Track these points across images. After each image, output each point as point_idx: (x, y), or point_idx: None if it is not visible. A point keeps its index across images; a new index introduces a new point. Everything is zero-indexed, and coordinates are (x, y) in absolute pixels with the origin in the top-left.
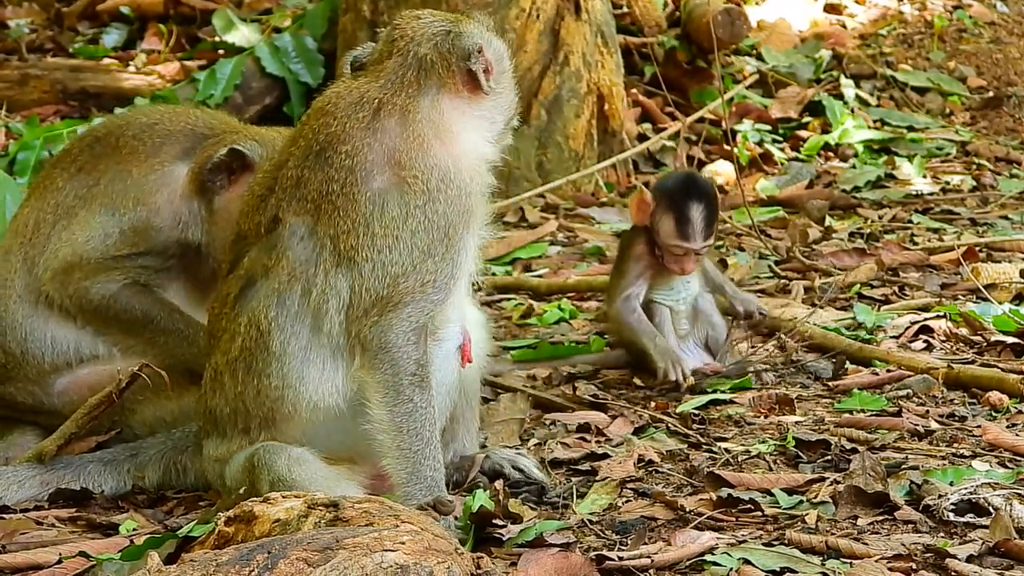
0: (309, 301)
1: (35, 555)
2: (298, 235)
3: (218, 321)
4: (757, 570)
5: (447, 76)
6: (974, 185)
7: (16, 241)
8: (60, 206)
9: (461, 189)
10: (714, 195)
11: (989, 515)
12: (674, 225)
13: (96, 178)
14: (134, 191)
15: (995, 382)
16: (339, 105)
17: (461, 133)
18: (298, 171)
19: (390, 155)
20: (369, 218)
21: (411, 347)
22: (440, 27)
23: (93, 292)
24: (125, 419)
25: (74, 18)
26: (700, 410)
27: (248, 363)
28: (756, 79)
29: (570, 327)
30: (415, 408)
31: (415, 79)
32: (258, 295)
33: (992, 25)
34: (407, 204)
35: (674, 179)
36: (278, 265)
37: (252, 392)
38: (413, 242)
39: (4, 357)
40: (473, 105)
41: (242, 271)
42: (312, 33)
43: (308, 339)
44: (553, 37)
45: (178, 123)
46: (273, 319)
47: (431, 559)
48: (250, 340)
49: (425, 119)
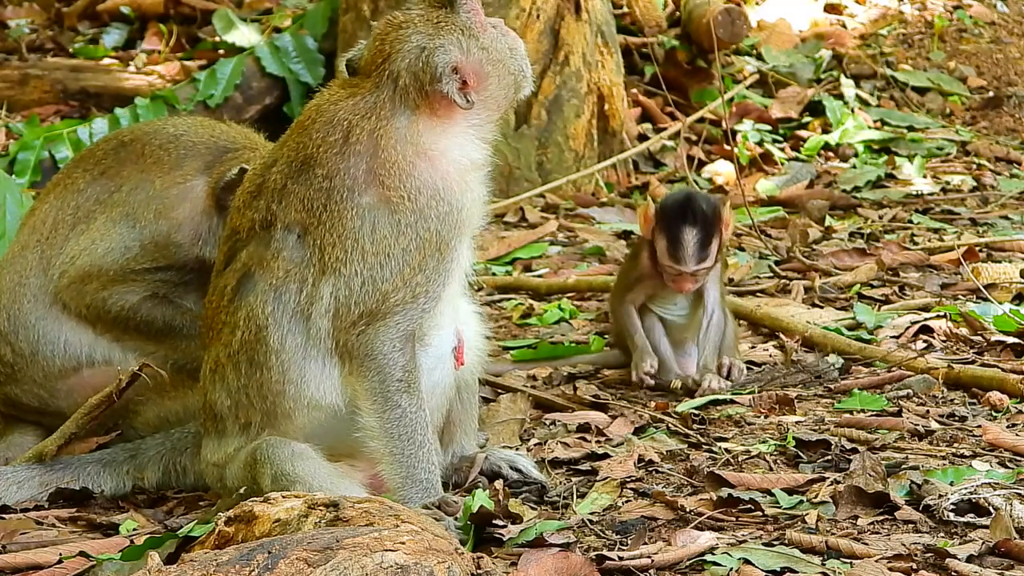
0: (300, 300)
1: (35, 555)
2: (293, 234)
3: (217, 314)
4: (757, 570)
5: (420, 99)
6: (974, 185)
7: (33, 238)
8: (80, 209)
9: (452, 205)
10: (712, 218)
11: (989, 515)
12: (667, 246)
13: (119, 184)
14: (156, 203)
15: (995, 382)
16: (315, 124)
17: (447, 149)
18: (283, 179)
19: (369, 175)
20: (358, 233)
21: (397, 354)
22: (416, 42)
23: (111, 303)
24: (128, 420)
25: (74, 18)
26: (700, 410)
27: (250, 356)
28: (756, 79)
29: (570, 327)
30: (404, 413)
31: (388, 100)
32: (255, 289)
33: (992, 25)
34: (398, 223)
35: (674, 199)
36: (274, 262)
37: (255, 385)
38: (405, 259)
39: (13, 357)
40: (455, 120)
41: (239, 264)
42: (312, 33)
43: (304, 337)
44: (553, 37)
45: (203, 136)
46: (270, 314)
47: (431, 559)
48: (250, 334)
49: (402, 140)
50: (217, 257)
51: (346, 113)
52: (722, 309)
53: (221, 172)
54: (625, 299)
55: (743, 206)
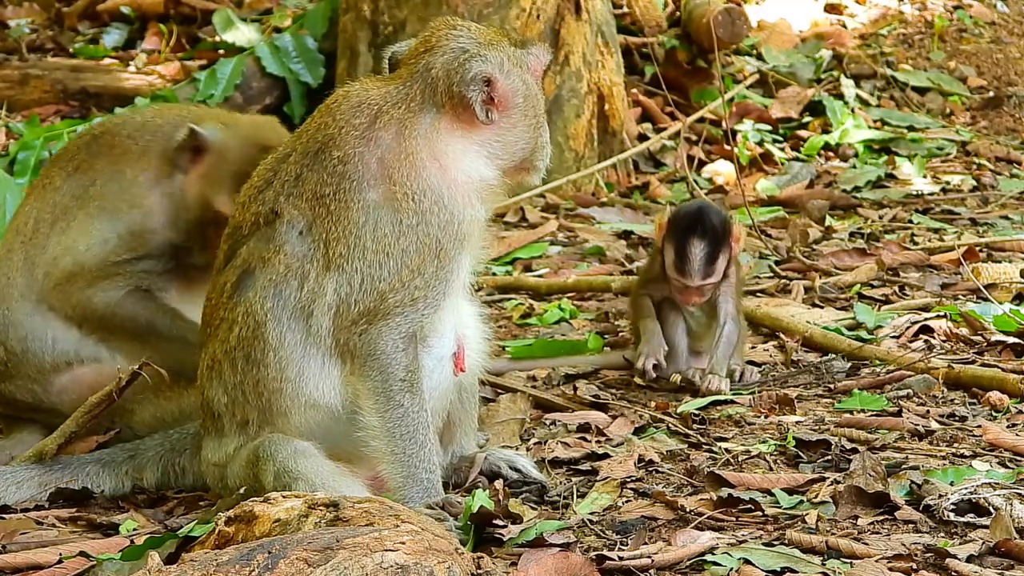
0: (301, 296)
1: (35, 555)
2: (296, 229)
3: (215, 310)
4: (757, 570)
5: (447, 98)
6: (974, 185)
7: (17, 240)
8: (58, 206)
9: (453, 215)
10: (722, 233)
11: (989, 515)
12: (674, 259)
13: (92, 178)
14: (128, 193)
15: (995, 382)
16: (342, 106)
17: (460, 158)
18: (298, 167)
19: (382, 167)
20: (361, 229)
21: (400, 354)
22: (461, 44)
23: (96, 300)
24: (125, 420)
25: (74, 18)
26: (700, 410)
27: (247, 352)
28: (756, 79)
29: (570, 327)
30: (406, 413)
31: (419, 93)
32: (255, 285)
33: (992, 25)
34: (400, 223)
35: (685, 210)
36: (276, 257)
37: (251, 382)
38: (403, 260)
39: (5, 355)
40: (474, 132)
41: (239, 261)
42: (312, 33)
43: (304, 334)
44: (553, 37)
45: (169, 119)
46: (269, 310)
47: (431, 559)
48: (247, 330)
49: (422, 137)
50: (218, 255)
51: (377, 99)
52: (736, 322)
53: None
54: (643, 291)
55: (743, 206)
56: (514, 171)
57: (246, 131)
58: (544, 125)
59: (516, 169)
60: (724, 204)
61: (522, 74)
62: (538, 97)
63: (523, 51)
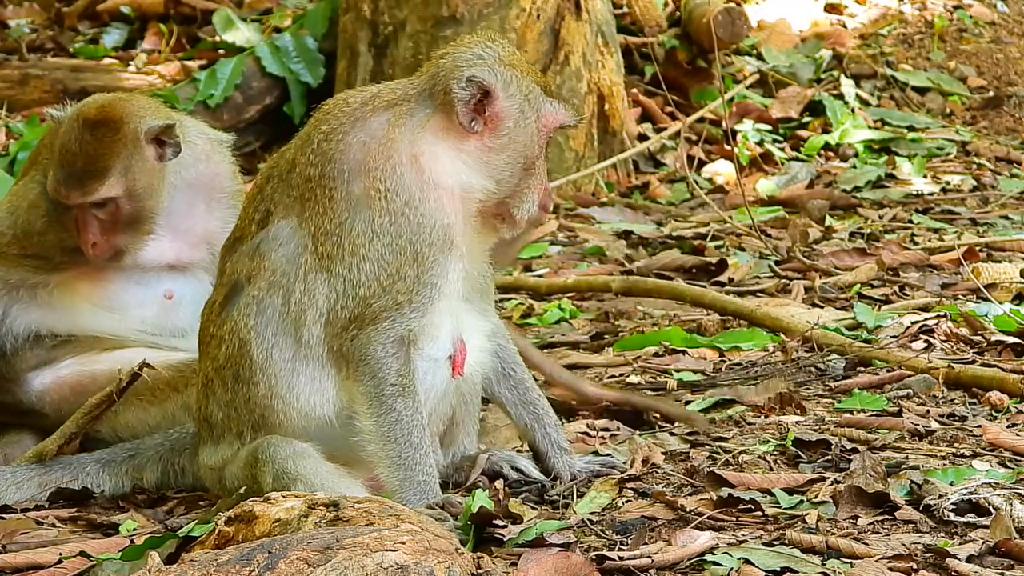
0: (289, 311)
1: (35, 555)
2: (281, 238)
3: (207, 328)
4: (757, 570)
5: (442, 95)
6: (974, 185)
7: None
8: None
9: (426, 217)
10: None
11: (989, 515)
12: None
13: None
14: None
15: (996, 382)
16: (351, 93)
17: (439, 161)
18: (293, 154)
19: (364, 153)
20: (344, 225)
21: (390, 359)
22: (479, 52)
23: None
24: (108, 423)
25: (74, 18)
26: (701, 411)
27: (235, 371)
28: (756, 79)
29: (570, 327)
30: (399, 417)
31: (421, 86)
32: (239, 303)
33: (992, 25)
34: (372, 221)
35: None
36: (259, 271)
37: (242, 399)
38: (380, 264)
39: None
40: (460, 140)
41: (225, 279)
42: (312, 33)
43: (293, 350)
44: (553, 37)
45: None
46: (253, 328)
47: (431, 559)
48: (233, 348)
49: (409, 130)
50: (219, 265)
51: (382, 87)
52: None
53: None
54: None
55: (743, 206)
56: (492, 209)
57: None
58: (535, 176)
59: (495, 206)
60: (724, 204)
61: (526, 108)
62: (533, 140)
63: (543, 94)
